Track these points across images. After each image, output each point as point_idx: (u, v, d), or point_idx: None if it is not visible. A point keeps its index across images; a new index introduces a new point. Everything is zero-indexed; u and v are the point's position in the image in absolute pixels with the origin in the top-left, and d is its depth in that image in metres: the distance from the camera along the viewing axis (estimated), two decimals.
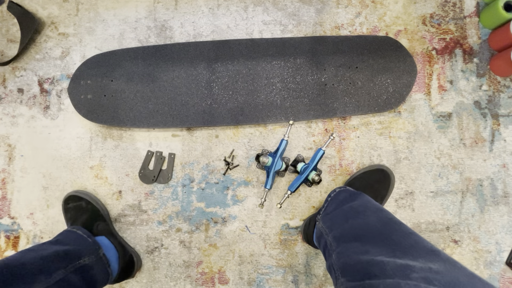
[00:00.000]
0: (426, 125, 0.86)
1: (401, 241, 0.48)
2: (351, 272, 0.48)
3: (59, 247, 0.62)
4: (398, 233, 0.50)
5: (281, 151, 0.78)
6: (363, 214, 0.60)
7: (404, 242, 0.47)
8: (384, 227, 0.53)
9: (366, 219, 0.57)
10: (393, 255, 0.44)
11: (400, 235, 0.49)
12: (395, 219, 0.57)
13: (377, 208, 0.61)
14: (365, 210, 0.61)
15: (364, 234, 0.54)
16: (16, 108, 0.89)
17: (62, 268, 0.57)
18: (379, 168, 0.81)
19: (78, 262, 0.62)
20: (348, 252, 0.51)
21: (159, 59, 0.85)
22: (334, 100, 0.85)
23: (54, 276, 0.54)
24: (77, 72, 0.85)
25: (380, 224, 0.54)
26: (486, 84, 0.86)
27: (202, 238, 0.85)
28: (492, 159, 0.85)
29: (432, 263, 0.41)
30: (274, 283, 0.84)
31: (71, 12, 0.91)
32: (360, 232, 0.55)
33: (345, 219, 0.61)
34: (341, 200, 0.69)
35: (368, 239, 0.51)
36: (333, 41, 0.86)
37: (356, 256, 0.49)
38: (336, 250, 0.55)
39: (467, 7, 0.88)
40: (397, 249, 0.46)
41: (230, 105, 0.85)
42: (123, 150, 0.87)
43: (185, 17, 0.90)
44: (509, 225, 0.83)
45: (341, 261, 0.51)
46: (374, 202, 0.65)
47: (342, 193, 0.73)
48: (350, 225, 0.58)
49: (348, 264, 0.49)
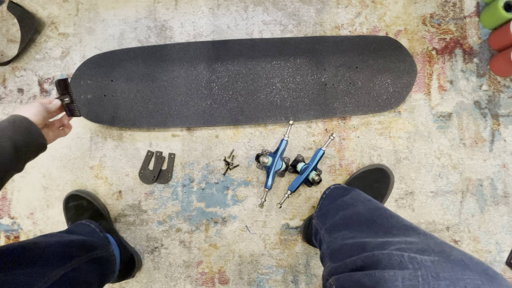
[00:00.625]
0: (426, 125, 0.86)
1: (383, 222, 0.50)
2: (336, 256, 0.50)
3: (76, 237, 0.63)
4: (382, 217, 0.52)
5: (281, 151, 0.78)
6: (352, 205, 0.62)
7: (387, 224, 0.50)
8: (370, 214, 0.55)
9: (354, 209, 0.60)
10: (376, 236, 0.46)
11: (384, 218, 0.52)
12: (381, 205, 0.59)
13: (366, 199, 0.63)
14: (355, 201, 0.63)
15: (352, 223, 0.56)
16: (16, 108, 0.88)
17: (79, 256, 0.58)
18: (378, 168, 0.81)
19: (92, 253, 0.62)
20: (336, 240, 0.53)
21: (159, 59, 0.85)
22: (334, 100, 0.85)
23: (72, 263, 0.55)
24: (77, 72, 0.85)
25: (367, 212, 0.56)
26: (486, 84, 0.86)
27: (202, 238, 0.85)
28: (492, 159, 0.85)
29: (409, 237, 0.43)
30: (274, 283, 0.84)
31: (71, 12, 0.91)
32: (349, 221, 0.57)
33: (336, 212, 0.63)
34: (334, 196, 0.71)
35: (356, 227, 0.53)
36: (333, 41, 0.86)
37: (342, 241, 0.51)
38: (327, 240, 0.57)
39: (467, 7, 0.88)
40: (380, 231, 0.48)
41: (230, 105, 0.85)
42: (123, 150, 0.87)
43: (185, 17, 0.90)
44: (509, 225, 0.83)
45: (329, 248, 0.53)
46: (364, 194, 0.67)
47: (336, 189, 0.74)
48: (340, 216, 0.60)
49: (335, 249, 0.51)
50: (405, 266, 0.36)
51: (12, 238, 0.86)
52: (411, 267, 0.35)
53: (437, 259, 0.35)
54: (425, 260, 0.35)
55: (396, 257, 0.37)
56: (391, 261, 0.37)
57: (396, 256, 0.38)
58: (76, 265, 0.56)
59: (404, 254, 0.37)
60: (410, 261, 0.36)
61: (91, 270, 0.60)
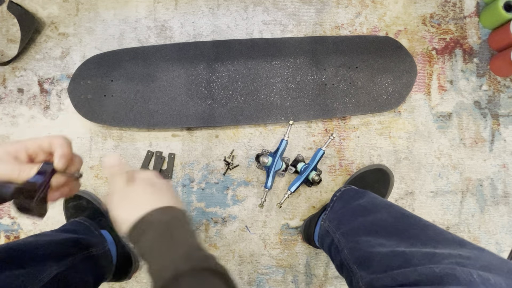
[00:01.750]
0: (426, 125, 0.86)
1: (419, 234, 0.45)
2: (371, 265, 0.45)
3: (70, 235, 0.62)
4: (415, 226, 0.47)
5: (281, 151, 0.78)
6: (372, 211, 0.57)
7: (423, 234, 0.45)
8: (397, 222, 0.50)
9: (376, 215, 0.55)
10: (413, 246, 0.42)
11: (418, 227, 0.47)
12: (408, 212, 0.54)
13: (386, 204, 0.59)
14: (374, 207, 0.59)
15: (376, 230, 0.51)
16: (16, 108, 0.88)
17: (72, 255, 0.57)
18: (378, 168, 0.81)
19: (87, 251, 0.61)
20: (360, 246, 0.49)
21: (159, 59, 0.85)
22: (334, 100, 0.85)
23: (64, 262, 0.54)
24: (77, 72, 0.85)
25: (392, 219, 0.52)
26: (486, 84, 0.86)
27: (202, 238, 0.85)
28: (492, 159, 0.85)
29: (460, 251, 0.38)
30: (274, 283, 0.84)
31: (71, 12, 0.91)
32: (372, 228, 0.52)
33: (353, 216, 0.59)
34: (347, 199, 0.68)
35: (382, 234, 0.49)
36: (333, 41, 0.86)
37: (372, 249, 0.46)
38: (348, 246, 0.53)
39: (467, 7, 0.88)
40: (416, 241, 0.43)
41: (230, 105, 0.85)
42: (123, 150, 0.87)
43: (185, 17, 0.90)
44: (509, 225, 0.83)
45: (356, 255, 0.49)
46: (381, 198, 0.64)
47: (348, 192, 0.71)
48: (360, 222, 0.56)
49: (366, 257, 0.47)
50: (475, 285, 0.31)
51: (12, 238, 0.86)
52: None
53: (510, 282, 0.31)
54: (498, 282, 0.31)
55: (463, 274, 0.33)
56: (458, 279, 0.33)
57: (463, 273, 0.33)
58: (70, 264, 0.55)
59: (473, 272, 0.33)
60: (482, 282, 0.31)
61: (86, 268, 0.59)
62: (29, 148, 0.41)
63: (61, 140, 0.42)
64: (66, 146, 0.42)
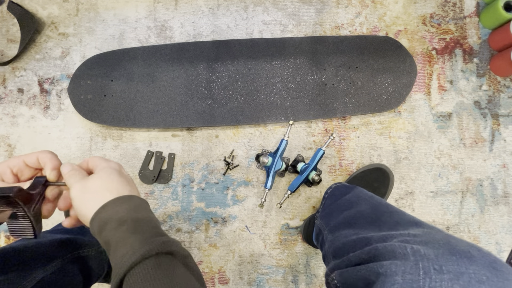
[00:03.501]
0: (426, 125, 0.86)
1: (388, 219, 0.49)
2: (339, 252, 0.49)
3: (60, 236, 0.60)
4: (386, 213, 0.51)
5: (281, 151, 0.78)
6: (356, 204, 0.60)
7: (391, 220, 0.48)
8: (373, 211, 0.54)
9: (357, 208, 0.58)
10: (380, 231, 0.45)
11: (387, 214, 0.50)
12: (384, 201, 0.57)
13: (368, 196, 0.62)
14: (357, 200, 0.62)
15: (356, 221, 0.54)
16: (16, 108, 0.88)
17: (60, 257, 0.55)
18: (378, 167, 0.81)
19: (77, 252, 0.59)
20: (339, 238, 0.52)
21: (159, 59, 0.85)
22: (334, 100, 0.85)
23: (51, 265, 0.52)
24: (77, 72, 0.85)
25: (370, 210, 0.55)
26: (486, 84, 0.86)
27: (202, 238, 0.85)
28: (492, 159, 0.85)
29: (413, 230, 0.41)
30: (274, 283, 0.84)
31: (71, 12, 0.91)
32: (352, 220, 0.56)
33: (339, 212, 0.62)
34: (336, 196, 0.70)
35: (359, 224, 0.52)
36: (333, 41, 0.86)
37: (345, 239, 0.50)
38: (329, 239, 0.56)
39: (467, 7, 0.88)
40: (384, 226, 0.47)
41: (230, 105, 0.85)
42: (123, 150, 0.87)
43: (185, 17, 0.90)
44: (509, 225, 0.83)
45: (332, 246, 0.52)
46: (366, 192, 0.66)
47: (338, 188, 0.73)
48: (343, 216, 0.59)
49: (338, 246, 0.50)
50: (406, 257, 0.34)
51: (12, 238, 0.86)
52: (413, 259, 0.33)
53: (441, 251, 0.33)
54: (428, 252, 0.33)
55: (399, 249, 0.36)
56: (394, 253, 0.36)
57: (398, 247, 0.36)
58: (58, 267, 0.53)
59: (407, 246, 0.35)
60: (413, 253, 0.34)
61: (75, 270, 0.57)
62: (14, 166, 0.42)
63: (49, 154, 0.43)
64: (55, 159, 0.43)
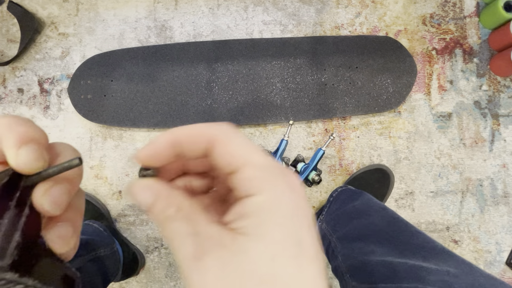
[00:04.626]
0: (426, 125, 0.86)
1: (408, 240, 0.46)
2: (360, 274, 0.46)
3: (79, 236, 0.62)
4: (405, 233, 0.48)
5: (281, 151, 0.78)
6: (366, 214, 0.58)
7: (412, 242, 0.45)
8: (389, 227, 0.51)
9: (369, 219, 0.56)
10: (402, 256, 0.43)
11: (407, 234, 0.48)
12: (400, 218, 0.55)
13: (380, 207, 0.60)
14: (368, 209, 0.60)
15: (368, 234, 0.52)
16: (16, 108, 0.88)
17: (81, 256, 0.57)
18: (378, 168, 0.81)
19: (95, 252, 0.62)
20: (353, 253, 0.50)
21: (159, 59, 0.85)
22: (334, 100, 0.85)
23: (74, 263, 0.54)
24: (77, 72, 0.85)
25: (384, 224, 0.52)
26: (486, 84, 0.86)
27: None
28: (492, 159, 0.85)
29: (447, 265, 0.38)
30: None
31: (71, 12, 0.91)
32: (365, 232, 0.53)
33: (348, 219, 0.60)
34: (343, 200, 0.69)
35: (373, 239, 0.50)
36: (333, 41, 0.86)
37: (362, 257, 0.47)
38: (341, 252, 0.54)
39: (467, 7, 0.88)
40: (405, 249, 0.44)
41: (230, 105, 0.85)
42: (123, 150, 0.87)
43: (185, 17, 0.90)
44: (509, 225, 0.83)
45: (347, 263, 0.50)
46: (376, 200, 0.65)
47: (344, 192, 0.72)
48: (353, 225, 0.57)
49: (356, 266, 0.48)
50: None
51: None
52: None
53: None
54: None
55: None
56: None
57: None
58: (79, 265, 0.55)
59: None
60: None
61: (95, 269, 0.60)
62: None
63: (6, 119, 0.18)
64: (21, 124, 0.18)
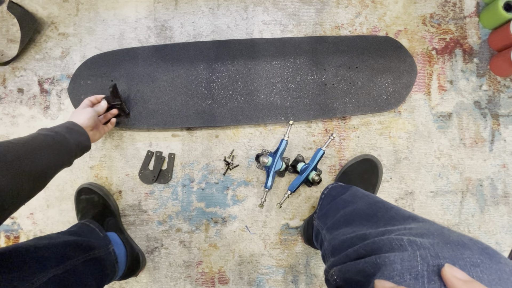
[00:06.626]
0: (426, 125, 0.86)
1: (383, 215, 0.50)
2: (338, 250, 0.50)
3: (72, 237, 0.63)
4: (382, 210, 0.52)
5: (281, 151, 0.78)
6: (351, 202, 0.62)
7: (386, 215, 0.50)
8: (369, 209, 0.55)
9: (354, 206, 0.60)
10: (376, 227, 0.46)
11: (383, 211, 0.52)
12: (379, 199, 0.59)
13: (364, 194, 0.64)
14: (354, 198, 0.63)
15: (353, 219, 0.56)
16: (16, 108, 0.89)
17: (73, 258, 0.57)
18: (365, 158, 0.81)
19: (88, 254, 0.62)
20: (337, 236, 0.53)
21: (159, 59, 0.85)
22: (334, 100, 0.85)
23: (64, 265, 0.54)
24: (77, 72, 0.85)
25: (366, 207, 0.56)
26: (486, 84, 0.86)
27: (202, 238, 0.85)
28: (492, 159, 0.85)
29: (408, 224, 0.43)
30: (274, 283, 0.84)
31: (71, 12, 0.91)
32: (350, 218, 0.57)
33: (336, 211, 0.63)
34: (333, 196, 0.71)
35: (356, 222, 0.53)
36: (333, 41, 0.86)
37: (343, 237, 0.51)
38: (327, 238, 0.57)
39: (467, 7, 0.88)
40: (380, 222, 0.48)
41: (230, 105, 0.85)
42: (123, 150, 0.87)
43: (185, 17, 0.90)
44: (509, 225, 0.83)
45: (331, 245, 0.53)
46: (362, 190, 0.67)
47: (334, 189, 0.74)
48: (340, 214, 0.60)
49: (336, 244, 0.51)
50: (404, 249, 0.36)
51: (12, 238, 0.86)
52: (410, 249, 0.35)
53: (437, 241, 0.35)
54: (424, 242, 0.35)
55: (396, 241, 0.38)
56: (392, 246, 0.38)
57: (395, 240, 0.38)
58: (70, 267, 0.55)
59: (404, 238, 0.37)
60: (410, 244, 0.36)
61: (87, 271, 0.60)
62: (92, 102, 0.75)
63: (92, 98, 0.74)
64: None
